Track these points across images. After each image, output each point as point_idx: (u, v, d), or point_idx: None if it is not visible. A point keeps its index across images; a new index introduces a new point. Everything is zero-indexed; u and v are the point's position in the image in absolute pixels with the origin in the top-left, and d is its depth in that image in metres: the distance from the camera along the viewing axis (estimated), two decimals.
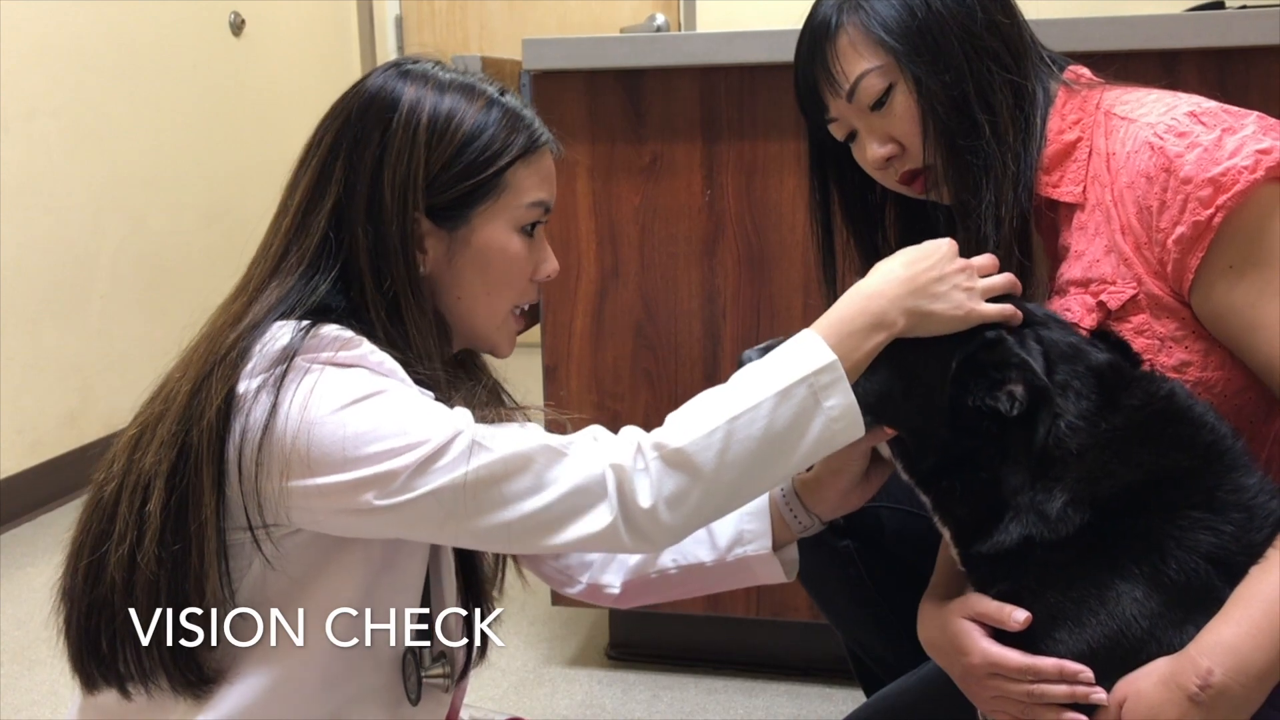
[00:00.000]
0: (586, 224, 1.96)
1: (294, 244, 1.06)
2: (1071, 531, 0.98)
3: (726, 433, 0.98)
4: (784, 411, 0.98)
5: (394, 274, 1.05)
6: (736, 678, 2.14)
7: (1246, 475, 0.99)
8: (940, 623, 1.09)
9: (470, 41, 4.80)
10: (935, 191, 1.23)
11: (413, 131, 1.05)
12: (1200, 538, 0.96)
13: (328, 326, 1.00)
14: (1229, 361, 1.09)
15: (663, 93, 1.89)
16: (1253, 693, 0.93)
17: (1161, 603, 0.96)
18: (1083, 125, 1.17)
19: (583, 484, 0.96)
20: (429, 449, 0.95)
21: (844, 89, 1.20)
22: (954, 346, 1.01)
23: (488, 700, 2.03)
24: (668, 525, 0.97)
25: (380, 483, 0.94)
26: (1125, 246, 1.11)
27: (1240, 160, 1.03)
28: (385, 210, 1.04)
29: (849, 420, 0.99)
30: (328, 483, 0.95)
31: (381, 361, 1.00)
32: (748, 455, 0.97)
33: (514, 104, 1.10)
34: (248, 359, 0.99)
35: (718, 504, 1.01)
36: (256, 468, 0.96)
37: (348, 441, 0.95)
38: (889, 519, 1.41)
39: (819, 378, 0.98)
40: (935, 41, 1.17)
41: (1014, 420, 0.99)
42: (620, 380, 2.00)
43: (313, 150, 1.09)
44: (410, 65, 1.11)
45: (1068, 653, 0.98)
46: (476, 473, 0.95)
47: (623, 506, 0.96)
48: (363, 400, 0.96)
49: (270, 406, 0.96)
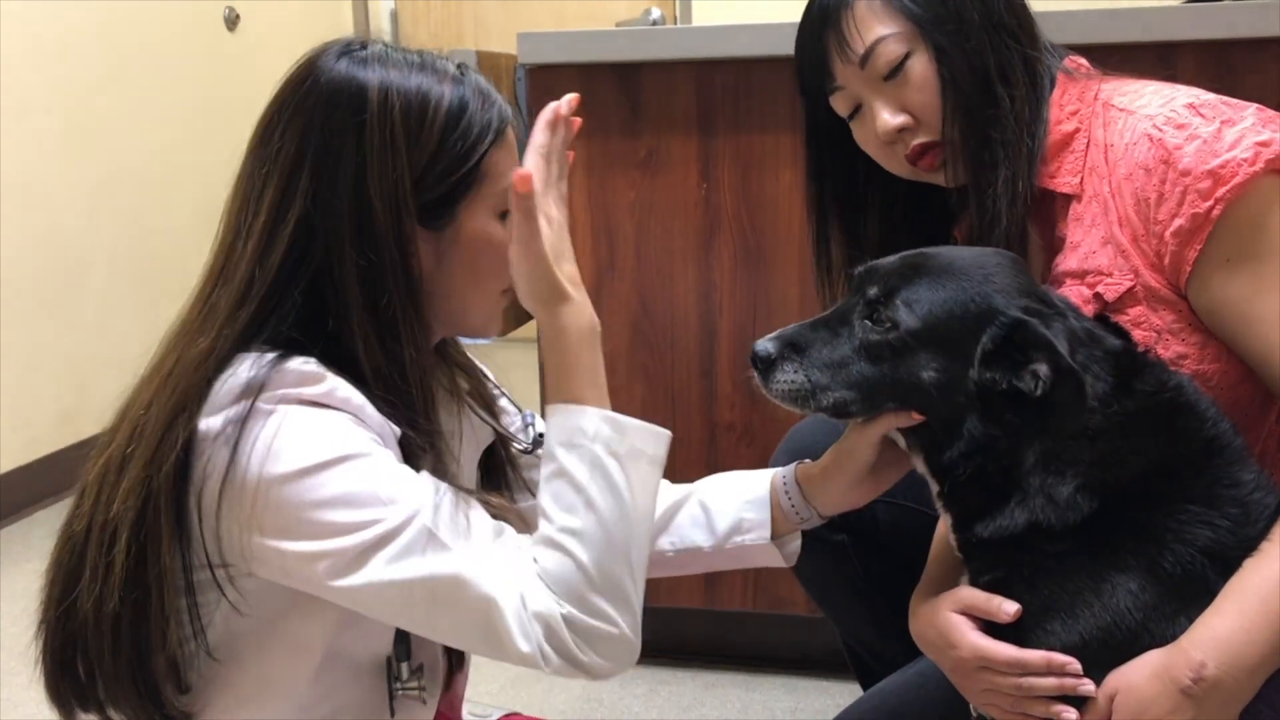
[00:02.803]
0: (582, 219, 1.96)
1: (260, 265, 0.98)
2: (1078, 520, 0.97)
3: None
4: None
5: (392, 289, 0.98)
6: (734, 671, 2.14)
7: (1244, 470, 0.99)
8: (930, 616, 1.09)
9: (465, 36, 4.79)
10: (946, 169, 1.20)
11: (390, 130, 0.97)
12: (1197, 531, 0.96)
13: (292, 360, 0.95)
14: (1225, 354, 1.09)
15: (659, 87, 1.89)
16: (1245, 686, 0.93)
17: (1156, 595, 0.96)
18: (1080, 116, 1.17)
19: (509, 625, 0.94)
20: (381, 530, 0.92)
21: (857, 55, 1.17)
22: (980, 330, 0.99)
23: (486, 696, 2.03)
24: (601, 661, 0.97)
25: (331, 557, 0.92)
26: (1123, 238, 1.11)
27: (1239, 153, 1.03)
28: (377, 223, 0.97)
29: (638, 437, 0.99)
30: (284, 548, 0.93)
31: (348, 399, 0.95)
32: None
33: (479, 80, 1.04)
34: (209, 396, 0.94)
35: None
36: (217, 518, 0.93)
37: (304, 509, 0.92)
38: (884, 514, 1.41)
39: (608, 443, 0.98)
40: (957, 11, 1.16)
41: (1037, 402, 0.97)
42: (617, 375, 2.00)
43: (268, 159, 0.99)
44: (361, 50, 1.01)
45: (1060, 644, 0.98)
46: (422, 573, 0.92)
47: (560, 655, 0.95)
48: (327, 466, 0.92)
49: (230, 454, 0.92)
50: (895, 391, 1.01)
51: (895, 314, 1.00)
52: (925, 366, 0.99)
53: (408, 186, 0.98)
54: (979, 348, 0.98)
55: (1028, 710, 1.00)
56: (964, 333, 0.99)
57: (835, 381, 1.02)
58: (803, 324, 1.06)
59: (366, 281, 0.97)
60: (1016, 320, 0.98)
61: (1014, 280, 1.02)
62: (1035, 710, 0.99)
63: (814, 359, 1.03)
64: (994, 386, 0.98)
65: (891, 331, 1.00)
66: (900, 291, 1.00)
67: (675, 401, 1.98)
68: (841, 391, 1.02)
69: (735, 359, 1.95)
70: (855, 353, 1.02)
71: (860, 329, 1.02)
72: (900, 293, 1.00)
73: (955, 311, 0.99)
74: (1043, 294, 1.03)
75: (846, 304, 1.06)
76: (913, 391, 1.00)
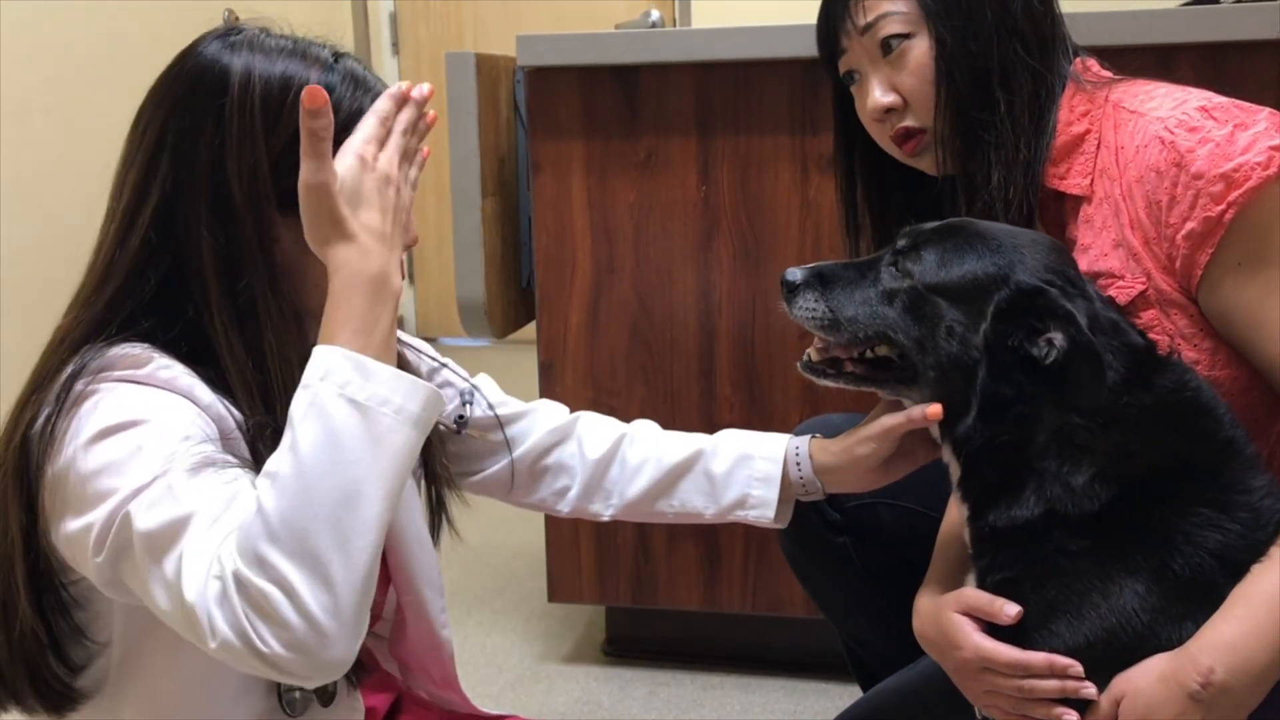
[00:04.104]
0: (581, 220, 1.96)
1: (119, 252, 0.97)
2: (1095, 509, 0.97)
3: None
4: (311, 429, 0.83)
5: (251, 275, 0.95)
6: (733, 673, 2.14)
7: (1255, 477, 0.99)
8: (934, 617, 1.09)
9: (464, 38, 4.80)
10: (926, 157, 1.22)
11: (249, 114, 0.95)
12: (1209, 535, 0.96)
13: (118, 346, 0.93)
14: (1235, 361, 1.09)
15: (658, 89, 1.89)
16: (1252, 691, 0.92)
17: (1163, 597, 0.96)
18: (1091, 118, 1.17)
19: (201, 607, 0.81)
20: (129, 489, 0.85)
21: (860, 22, 1.19)
22: (997, 292, 1.00)
23: (484, 698, 2.03)
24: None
25: (95, 529, 0.86)
26: (1134, 241, 1.11)
27: (1253, 156, 1.03)
28: (235, 208, 0.95)
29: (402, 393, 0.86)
30: (67, 528, 0.88)
31: (173, 379, 0.92)
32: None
33: (353, 66, 1.02)
34: (47, 388, 0.92)
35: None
36: (45, 514, 0.90)
37: (84, 481, 0.87)
38: (886, 515, 1.41)
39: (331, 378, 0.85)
40: (969, 8, 1.16)
41: (1049, 371, 0.97)
42: (616, 376, 2.00)
43: (135, 144, 0.99)
44: (235, 35, 1.00)
45: (1065, 645, 0.98)
46: (150, 525, 0.84)
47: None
48: (113, 433, 0.87)
49: (49, 444, 0.89)
50: (905, 333, 1.04)
51: (915, 265, 1.04)
52: (939, 316, 1.02)
53: (265, 171, 0.95)
54: (992, 304, 1.00)
55: (1029, 712, 1.00)
56: (979, 292, 1.01)
57: (852, 315, 1.07)
58: (836, 262, 1.11)
59: (224, 266, 0.95)
60: (1036, 287, 0.99)
61: (1046, 259, 1.03)
62: (1037, 712, 0.99)
63: (837, 292, 1.08)
64: (1004, 341, 0.99)
65: (907, 280, 1.04)
66: (926, 247, 1.05)
67: (674, 402, 1.98)
68: (856, 325, 1.07)
69: (734, 359, 1.95)
70: (876, 295, 1.07)
71: (886, 275, 1.07)
72: (925, 248, 1.05)
73: (976, 272, 1.02)
74: (1073, 277, 1.03)
75: (880, 253, 1.10)
76: (924, 338, 1.03)
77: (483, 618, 2.43)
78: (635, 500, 1.26)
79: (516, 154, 2.06)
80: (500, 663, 2.23)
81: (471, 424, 1.24)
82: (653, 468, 1.25)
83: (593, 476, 1.27)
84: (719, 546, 2.03)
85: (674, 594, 2.07)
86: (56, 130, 3.20)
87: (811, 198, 1.86)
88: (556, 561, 2.11)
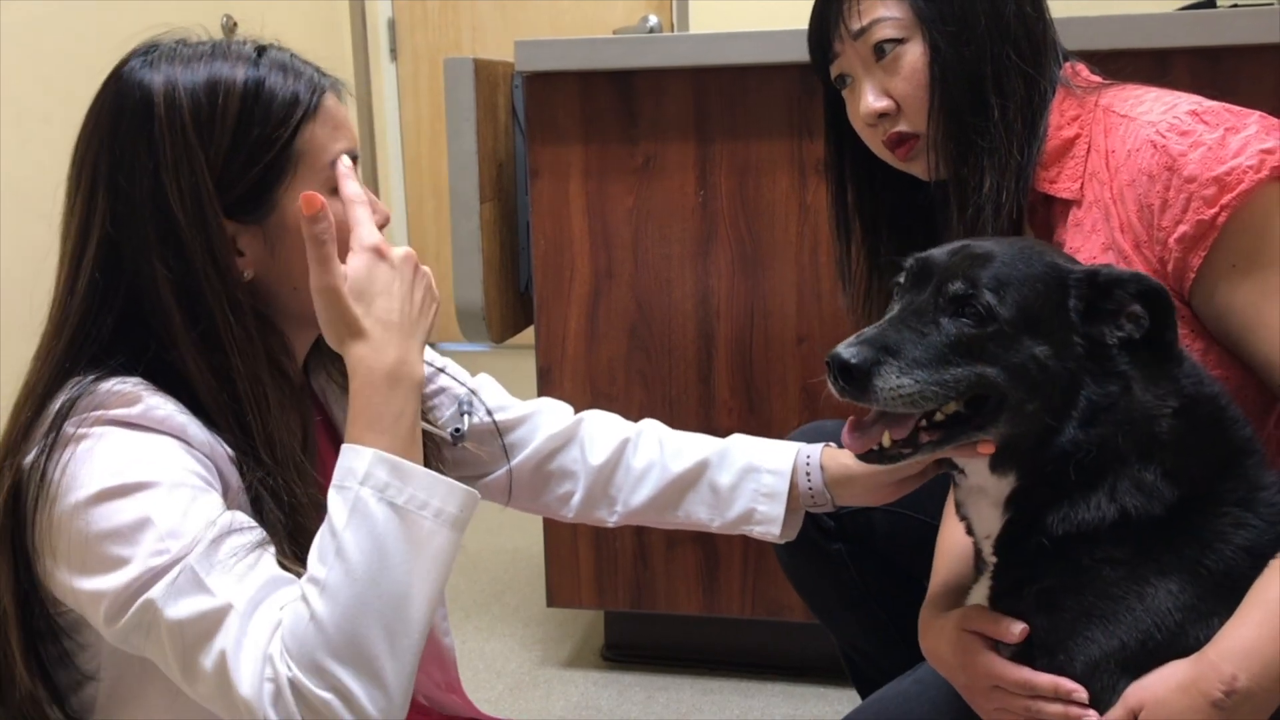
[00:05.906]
0: (580, 225, 1.96)
1: (69, 299, 0.96)
2: (1162, 509, 0.95)
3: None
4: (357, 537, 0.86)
5: (211, 300, 0.93)
6: (732, 678, 2.14)
7: (1267, 473, 0.99)
8: (942, 635, 1.08)
9: (463, 43, 4.80)
10: (918, 162, 1.21)
11: (180, 130, 0.92)
12: (1239, 533, 0.95)
13: (108, 381, 0.91)
14: (1226, 360, 1.09)
15: (656, 94, 1.89)
16: (1274, 695, 0.92)
17: (1196, 595, 0.94)
18: (1081, 122, 1.17)
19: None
20: (148, 567, 0.85)
21: (854, 26, 1.19)
22: (1062, 296, 0.96)
23: (483, 703, 2.03)
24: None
25: (108, 597, 0.86)
26: (1124, 244, 1.11)
27: (1245, 159, 1.03)
28: (182, 232, 0.92)
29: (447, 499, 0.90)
30: (76, 585, 0.88)
31: (166, 418, 0.91)
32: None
33: (280, 56, 1.00)
34: (33, 430, 0.92)
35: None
36: (40, 553, 0.90)
37: (89, 542, 0.86)
38: (881, 522, 1.41)
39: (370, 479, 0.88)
40: (962, 13, 1.16)
41: (1137, 344, 0.95)
42: (615, 381, 2.00)
43: (74, 185, 0.97)
44: (153, 52, 0.98)
45: (1100, 651, 0.96)
46: (179, 616, 0.85)
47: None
48: (113, 495, 0.87)
49: (40, 483, 0.88)
50: (1002, 376, 0.95)
51: (988, 305, 0.94)
52: (1026, 347, 0.95)
53: (210, 188, 0.93)
54: (1070, 311, 0.96)
55: None
56: (1050, 305, 0.96)
57: (943, 379, 0.94)
58: (877, 327, 0.97)
59: (181, 295, 0.93)
60: (1088, 272, 0.97)
61: (1056, 251, 1.02)
62: None
63: (911, 360, 0.94)
64: (1101, 340, 0.96)
65: (990, 324, 0.94)
66: (981, 282, 0.95)
67: (673, 407, 1.98)
68: (949, 389, 0.94)
69: (732, 364, 1.95)
70: (951, 348, 0.95)
71: (953, 325, 0.95)
72: (982, 283, 0.95)
73: (1038, 288, 0.95)
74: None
75: (918, 301, 0.98)
76: (1023, 376, 0.94)
77: (482, 623, 2.43)
78: (640, 509, 1.25)
79: (515, 159, 2.06)
80: (499, 668, 2.23)
81: (469, 435, 1.22)
82: (657, 476, 1.24)
83: (596, 482, 1.26)
84: (718, 551, 2.03)
85: (673, 599, 2.07)
86: (54, 137, 3.19)
87: (809, 202, 1.86)
88: (555, 566, 2.11)
